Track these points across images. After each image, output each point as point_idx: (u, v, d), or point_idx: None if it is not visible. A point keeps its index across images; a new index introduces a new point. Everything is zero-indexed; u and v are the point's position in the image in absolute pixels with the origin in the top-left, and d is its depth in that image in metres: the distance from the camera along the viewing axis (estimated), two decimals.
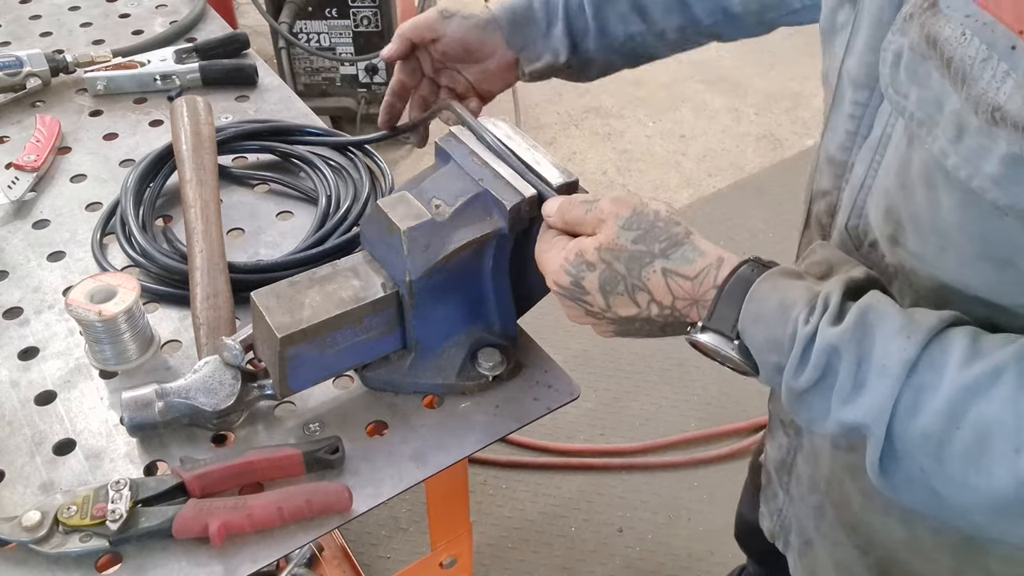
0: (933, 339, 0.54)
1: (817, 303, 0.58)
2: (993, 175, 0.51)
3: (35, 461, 0.78)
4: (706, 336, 0.63)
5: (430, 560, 1.01)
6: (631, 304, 0.66)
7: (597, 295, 0.67)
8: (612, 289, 0.66)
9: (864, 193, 0.67)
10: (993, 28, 0.49)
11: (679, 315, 0.65)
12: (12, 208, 1.06)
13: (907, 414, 0.54)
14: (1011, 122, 0.48)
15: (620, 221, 0.67)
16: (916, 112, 0.56)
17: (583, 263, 0.67)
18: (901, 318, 0.55)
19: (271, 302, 0.74)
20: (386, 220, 0.75)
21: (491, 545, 1.80)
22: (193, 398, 0.77)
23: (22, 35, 1.40)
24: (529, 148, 0.78)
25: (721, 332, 0.62)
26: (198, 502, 0.72)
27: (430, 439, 0.80)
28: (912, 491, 0.57)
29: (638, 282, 0.65)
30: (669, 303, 0.65)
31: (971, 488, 0.52)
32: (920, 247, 0.61)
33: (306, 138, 1.14)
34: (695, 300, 0.64)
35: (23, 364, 0.87)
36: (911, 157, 0.59)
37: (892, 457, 0.56)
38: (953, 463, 0.53)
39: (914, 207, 0.60)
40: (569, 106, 3.11)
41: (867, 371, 0.55)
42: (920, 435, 0.54)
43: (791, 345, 0.58)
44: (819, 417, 0.58)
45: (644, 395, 2.08)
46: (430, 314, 0.79)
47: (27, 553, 0.70)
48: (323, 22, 2.63)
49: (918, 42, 0.54)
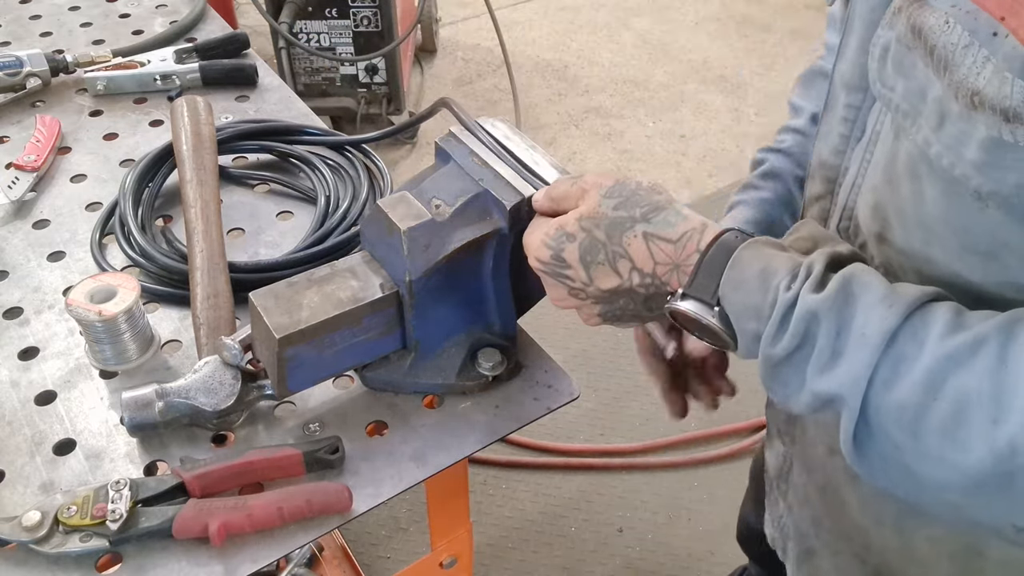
0: (915, 311, 0.53)
1: (800, 271, 0.57)
2: (974, 161, 0.51)
3: (35, 461, 0.78)
4: (686, 303, 0.61)
5: (430, 560, 1.01)
6: (612, 274, 0.65)
7: (578, 267, 0.66)
8: (593, 259, 0.65)
9: (855, 193, 0.67)
10: (976, 15, 0.49)
11: (660, 283, 0.64)
12: (12, 208, 1.06)
13: (884, 386, 0.52)
14: (989, 106, 0.49)
15: (602, 191, 0.66)
16: (902, 104, 0.57)
17: (563, 235, 0.67)
18: (884, 289, 0.55)
19: (269, 303, 0.74)
20: (386, 220, 0.74)
21: (491, 545, 1.80)
22: (193, 398, 0.77)
23: (22, 35, 1.40)
24: (528, 149, 0.78)
25: (701, 299, 0.61)
26: (198, 502, 0.72)
27: (430, 439, 0.80)
28: (887, 469, 0.55)
29: (619, 248, 0.64)
30: (650, 269, 0.64)
31: (947, 463, 0.51)
32: (905, 242, 0.61)
33: (305, 138, 1.14)
34: (677, 265, 0.63)
35: (23, 364, 0.87)
36: (897, 151, 0.59)
37: (867, 432, 0.54)
38: (929, 437, 0.51)
39: (899, 201, 0.60)
40: (569, 106, 3.11)
41: (845, 340, 0.54)
42: (896, 407, 0.52)
43: (770, 312, 0.57)
44: (794, 389, 0.57)
45: (644, 395, 2.07)
46: (430, 314, 0.79)
47: (27, 553, 0.70)
48: (323, 22, 2.62)
49: (904, 33, 0.54)
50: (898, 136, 0.59)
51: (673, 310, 0.63)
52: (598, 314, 0.70)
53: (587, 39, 3.51)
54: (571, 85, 3.23)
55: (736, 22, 3.61)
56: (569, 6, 3.73)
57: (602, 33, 3.54)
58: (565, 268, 0.67)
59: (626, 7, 3.71)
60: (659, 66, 3.33)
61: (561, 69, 3.32)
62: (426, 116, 0.96)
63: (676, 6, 3.72)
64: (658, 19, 3.63)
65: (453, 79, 3.25)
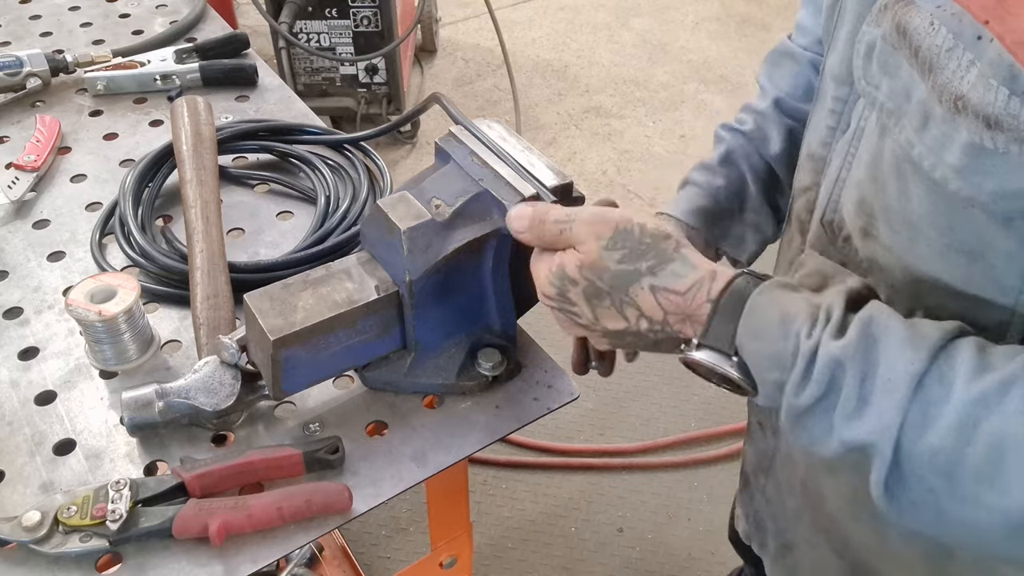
0: (940, 351, 0.52)
1: (819, 316, 0.55)
2: (955, 165, 0.51)
3: (35, 461, 0.78)
4: (702, 353, 0.60)
5: (430, 560, 1.01)
6: (619, 318, 0.64)
7: (584, 306, 0.65)
8: (599, 303, 0.64)
9: (839, 187, 0.67)
10: (960, 18, 0.49)
11: (671, 331, 0.62)
12: (12, 208, 1.06)
13: (915, 431, 0.51)
14: (972, 111, 0.49)
15: (602, 242, 0.63)
16: (886, 103, 0.56)
17: (565, 278, 0.65)
18: (905, 330, 0.53)
19: (264, 304, 0.74)
20: (386, 220, 0.74)
21: (491, 545, 1.80)
22: (193, 398, 0.77)
23: (22, 35, 1.40)
24: (523, 150, 0.78)
25: (718, 349, 0.59)
26: (198, 502, 0.72)
27: (430, 439, 0.79)
28: (918, 513, 0.54)
29: (626, 298, 0.62)
30: (660, 318, 0.62)
31: (984, 507, 0.50)
32: (891, 239, 0.61)
33: (304, 137, 1.14)
34: (687, 315, 0.61)
35: (23, 364, 0.87)
36: (883, 149, 0.59)
37: (898, 478, 0.53)
38: (965, 481, 0.50)
39: (885, 199, 0.60)
40: (569, 106, 3.11)
41: (872, 386, 0.53)
42: (929, 452, 0.51)
43: (793, 361, 0.55)
44: (821, 437, 0.56)
45: (644, 395, 2.08)
46: (430, 314, 0.78)
47: (27, 553, 0.70)
48: (323, 22, 2.63)
49: (890, 32, 0.54)
50: (883, 134, 0.59)
51: (688, 360, 0.61)
52: (607, 343, 0.69)
53: (587, 39, 3.51)
54: (571, 85, 3.23)
55: (736, 22, 3.61)
56: (569, 6, 3.73)
57: (602, 33, 3.54)
58: (571, 306, 0.66)
59: (626, 7, 3.71)
60: (659, 66, 3.33)
61: (561, 69, 3.32)
62: (419, 111, 0.97)
63: (676, 6, 3.72)
64: (658, 19, 3.63)
65: (453, 79, 3.25)
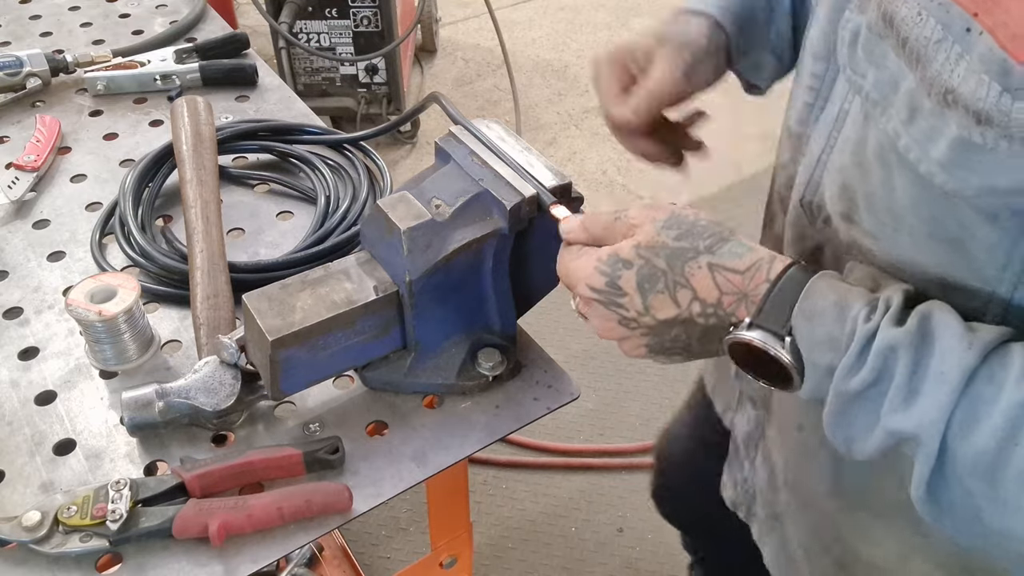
0: (993, 352, 0.51)
1: (879, 303, 0.55)
2: (940, 159, 0.51)
3: (35, 461, 0.78)
4: (753, 333, 0.58)
5: (430, 560, 1.01)
6: (671, 303, 0.62)
7: (635, 295, 0.62)
8: (652, 287, 0.62)
9: (820, 169, 0.66)
10: (948, 9, 0.48)
11: (724, 314, 0.61)
12: (12, 208, 1.06)
13: (962, 429, 0.50)
14: (963, 105, 0.48)
15: (658, 223, 0.63)
16: (872, 92, 0.56)
17: (619, 261, 0.63)
18: (961, 328, 0.53)
19: (262, 305, 0.74)
20: (386, 220, 0.75)
21: (491, 545, 1.80)
22: (193, 398, 0.77)
23: (22, 35, 1.40)
24: (522, 151, 0.78)
25: (771, 330, 0.58)
26: (198, 502, 0.72)
27: (430, 439, 0.80)
28: (956, 517, 0.54)
29: (680, 279, 0.61)
30: (714, 299, 0.60)
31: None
32: (874, 226, 0.60)
33: (304, 137, 1.14)
34: (744, 295, 0.59)
35: (23, 364, 0.87)
36: (867, 136, 0.59)
37: (940, 476, 0.52)
38: (1008, 485, 0.49)
39: (869, 186, 0.59)
40: (569, 106, 3.11)
41: (923, 378, 0.52)
42: (973, 453, 0.50)
43: (848, 343, 0.54)
44: (865, 428, 0.55)
45: (644, 395, 2.08)
46: (430, 314, 0.79)
47: (27, 553, 0.70)
48: (323, 22, 2.63)
49: (876, 21, 0.54)
50: (868, 121, 0.58)
51: (737, 340, 0.60)
52: (645, 345, 0.66)
53: (587, 39, 3.51)
54: (571, 85, 3.23)
55: None
56: (569, 6, 3.73)
57: (602, 33, 3.54)
58: (620, 296, 0.63)
59: (626, 7, 3.71)
60: None
61: (561, 69, 3.32)
62: (418, 111, 0.97)
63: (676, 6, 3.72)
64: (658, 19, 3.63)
65: (453, 79, 3.26)
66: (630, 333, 0.65)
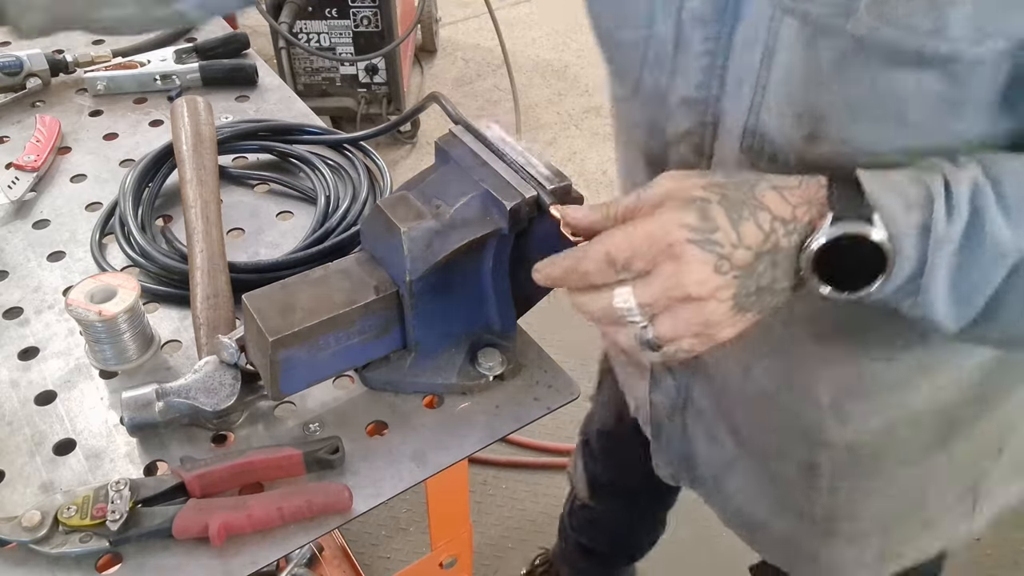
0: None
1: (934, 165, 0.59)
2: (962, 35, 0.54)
3: (35, 461, 0.78)
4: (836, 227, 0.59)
5: (430, 560, 1.01)
6: (756, 229, 0.60)
7: (728, 227, 0.60)
8: (739, 215, 0.60)
9: (754, 114, 0.67)
10: None
11: (801, 227, 0.60)
12: (12, 208, 1.06)
13: None
14: None
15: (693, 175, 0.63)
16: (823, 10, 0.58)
17: (694, 200, 0.60)
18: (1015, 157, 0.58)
19: (262, 304, 0.74)
20: (386, 220, 0.75)
21: (491, 545, 1.80)
22: (193, 398, 0.77)
23: None
24: (523, 150, 0.78)
25: (853, 218, 0.58)
26: (198, 502, 0.72)
27: (430, 439, 0.80)
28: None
29: (756, 202, 0.61)
30: (790, 214, 0.60)
31: None
32: (847, 131, 0.62)
33: (304, 136, 1.14)
34: (811, 201, 0.60)
35: (23, 364, 0.87)
36: (816, 55, 0.60)
37: None
38: None
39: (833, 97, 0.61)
40: (569, 106, 3.11)
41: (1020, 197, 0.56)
42: None
43: (931, 195, 0.57)
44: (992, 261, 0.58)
45: None
46: (430, 314, 0.79)
47: (27, 553, 0.70)
48: (323, 22, 2.63)
49: None
50: (813, 43, 0.60)
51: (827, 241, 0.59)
52: (732, 296, 0.62)
53: (587, 39, 3.49)
54: (571, 85, 3.23)
55: None
56: (569, 6, 3.73)
57: None
58: (713, 232, 0.60)
59: None
60: None
61: (561, 69, 3.32)
62: (418, 111, 0.97)
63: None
64: None
65: (453, 79, 3.26)
66: (723, 282, 0.61)
